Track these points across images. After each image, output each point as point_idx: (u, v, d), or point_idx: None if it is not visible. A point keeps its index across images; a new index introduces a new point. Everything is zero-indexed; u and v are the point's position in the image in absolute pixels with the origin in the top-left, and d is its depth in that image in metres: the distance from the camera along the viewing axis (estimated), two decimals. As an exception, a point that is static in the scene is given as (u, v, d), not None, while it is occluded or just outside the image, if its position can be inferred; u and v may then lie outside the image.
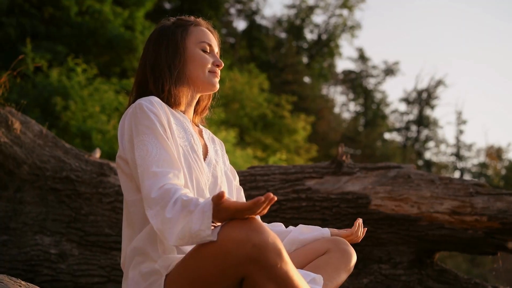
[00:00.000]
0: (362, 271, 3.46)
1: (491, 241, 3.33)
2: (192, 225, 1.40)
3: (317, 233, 1.91)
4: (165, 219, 1.46)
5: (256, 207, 1.36)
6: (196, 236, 1.40)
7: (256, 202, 1.35)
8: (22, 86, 9.85)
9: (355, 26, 24.56)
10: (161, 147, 1.59)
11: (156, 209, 1.49)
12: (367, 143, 23.15)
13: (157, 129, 1.62)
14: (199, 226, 1.39)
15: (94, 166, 3.63)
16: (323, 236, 1.90)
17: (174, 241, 1.44)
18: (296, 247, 1.88)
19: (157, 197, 1.49)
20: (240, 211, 1.39)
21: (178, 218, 1.44)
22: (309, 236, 1.89)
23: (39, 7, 12.31)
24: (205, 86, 1.84)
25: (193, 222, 1.40)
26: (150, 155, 1.57)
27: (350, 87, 27.23)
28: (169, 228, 1.45)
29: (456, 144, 26.42)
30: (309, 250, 1.84)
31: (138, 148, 1.59)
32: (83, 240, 3.46)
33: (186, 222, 1.41)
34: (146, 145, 1.59)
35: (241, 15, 22.86)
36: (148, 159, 1.56)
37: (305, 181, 3.53)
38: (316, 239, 1.89)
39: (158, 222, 1.48)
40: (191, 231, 1.40)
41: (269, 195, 1.36)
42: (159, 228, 1.48)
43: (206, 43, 1.84)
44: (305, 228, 1.92)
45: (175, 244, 1.44)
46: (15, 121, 3.51)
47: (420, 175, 3.50)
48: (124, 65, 12.73)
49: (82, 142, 9.15)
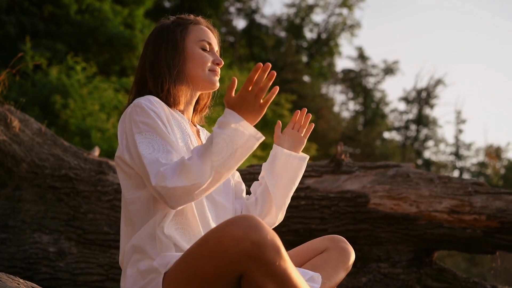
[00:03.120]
0: (361, 270, 3.46)
1: (489, 240, 3.33)
2: (237, 138, 1.50)
3: (272, 154, 1.93)
4: (188, 168, 1.50)
5: (253, 75, 1.52)
6: (248, 141, 1.52)
7: (252, 73, 1.52)
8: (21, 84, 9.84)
9: (355, 25, 24.55)
10: (166, 143, 1.60)
11: (174, 174, 1.50)
12: (366, 142, 23.16)
13: (159, 126, 1.62)
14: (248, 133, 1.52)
15: (93, 164, 3.62)
16: (275, 151, 1.92)
17: (218, 165, 1.51)
18: (275, 180, 1.89)
19: (168, 169, 1.52)
20: (244, 88, 1.52)
21: (202, 156, 1.51)
22: (271, 165, 1.92)
23: (39, 5, 12.30)
24: (205, 84, 1.83)
25: (237, 136, 1.51)
26: (154, 151, 1.57)
27: (349, 86, 27.22)
28: (200, 165, 1.50)
29: (455, 143, 26.43)
30: (308, 249, 1.84)
31: (141, 145, 1.58)
32: (82, 238, 3.46)
33: (224, 145, 1.50)
34: (151, 142, 1.59)
35: (240, 13, 22.85)
36: (153, 155, 1.56)
37: (304, 179, 3.53)
38: (273, 157, 1.91)
39: (183, 178, 1.50)
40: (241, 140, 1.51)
41: (261, 64, 1.54)
42: (189, 180, 1.50)
43: (205, 41, 1.84)
44: (266, 165, 1.93)
45: (223, 168, 1.51)
46: (14, 119, 3.51)
47: (419, 174, 3.50)
48: (124, 63, 12.72)
49: (81, 141, 9.14)
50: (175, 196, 1.51)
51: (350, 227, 3.45)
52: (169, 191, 1.50)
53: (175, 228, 1.63)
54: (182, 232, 1.65)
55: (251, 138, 1.53)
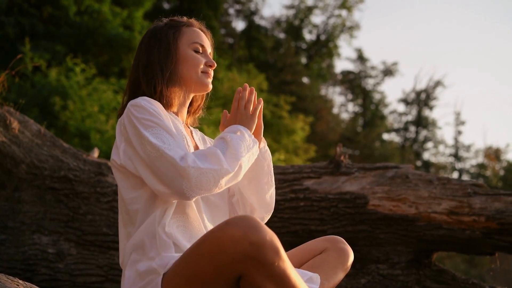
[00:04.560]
0: (360, 271, 3.46)
1: (489, 242, 3.33)
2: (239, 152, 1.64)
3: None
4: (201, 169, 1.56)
5: (237, 95, 1.75)
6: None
7: (236, 94, 1.75)
8: (20, 85, 9.85)
9: (354, 27, 24.58)
10: (173, 138, 1.61)
11: (205, 158, 1.58)
12: (365, 143, 23.16)
13: (163, 122, 1.63)
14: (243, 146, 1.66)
15: (92, 166, 3.63)
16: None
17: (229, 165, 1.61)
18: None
19: (196, 153, 1.60)
20: (234, 107, 1.75)
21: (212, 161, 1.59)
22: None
23: (38, 7, 12.30)
24: (198, 86, 1.84)
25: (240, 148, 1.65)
26: (165, 144, 1.58)
27: (348, 88, 27.23)
28: (229, 156, 1.63)
29: (455, 145, 26.44)
30: (306, 249, 1.84)
31: (152, 138, 1.59)
32: (81, 240, 3.46)
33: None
34: (159, 136, 1.60)
35: (240, 15, 22.87)
36: (163, 148, 1.57)
37: (303, 181, 3.53)
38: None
39: (215, 162, 1.58)
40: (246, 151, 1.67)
41: (241, 88, 1.76)
42: (220, 165, 1.58)
43: (198, 43, 1.84)
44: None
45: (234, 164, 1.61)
46: (13, 120, 3.51)
47: (418, 175, 3.50)
48: (123, 65, 12.72)
49: (80, 142, 9.14)
50: (204, 179, 1.55)
51: (349, 228, 3.45)
52: (201, 172, 1.54)
53: (176, 226, 1.64)
54: (183, 230, 1.65)
55: (252, 142, 1.72)
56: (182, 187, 1.54)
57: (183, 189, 1.54)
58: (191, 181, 1.53)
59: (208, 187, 1.55)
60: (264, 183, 1.86)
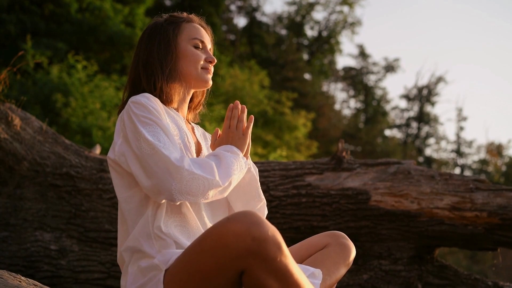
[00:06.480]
0: (362, 267, 3.46)
1: (491, 237, 3.33)
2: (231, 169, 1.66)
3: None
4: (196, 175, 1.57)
5: (228, 113, 1.75)
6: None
7: (227, 112, 1.75)
8: (22, 82, 9.86)
9: (356, 23, 24.55)
10: (168, 139, 1.61)
11: (198, 165, 1.59)
12: (367, 139, 23.16)
13: (161, 122, 1.63)
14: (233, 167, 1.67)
15: (94, 162, 3.63)
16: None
17: (222, 179, 1.63)
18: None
19: (192, 159, 1.61)
20: (225, 126, 1.75)
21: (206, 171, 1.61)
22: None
23: (40, 4, 12.30)
24: (198, 82, 1.84)
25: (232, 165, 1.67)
26: (160, 143, 1.58)
27: (350, 84, 27.21)
28: (222, 169, 1.65)
29: (457, 140, 26.42)
30: (309, 245, 1.84)
31: (149, 135, 1.59)
32: (83, 236, 3.46)
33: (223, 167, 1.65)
34: (156, 135, 1.59)
35: (241, 12, 22.84)
36: (159, 146, 1.57)
37: (305, 177, 3.53)
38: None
39: (208, 172, 1.60)
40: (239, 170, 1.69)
41: (232, 104, 1.76)
42: (212, 176, 1.60)
43: (198, 39, 1.84)
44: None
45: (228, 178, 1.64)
46: (15, 117, 3.51)
47: (420, 171, 3.50)
48: (125, 62, 12.72)
49: (82, 139, 9.15)
50: (195, 185, 1.55)
51: (351, 224, 3.45)
52: (194, 177, 1.55)
53: (174, 226, 1.64)
54: (182, 229, 1.65)
55: (244, 163, 1.74)
56: (171, 188, 1.54)
57: (171, 189, 1.54)
58: (181, 183, 1.53)
59: (196, 193, 1.56)
60: (251, 191, 1.85)
